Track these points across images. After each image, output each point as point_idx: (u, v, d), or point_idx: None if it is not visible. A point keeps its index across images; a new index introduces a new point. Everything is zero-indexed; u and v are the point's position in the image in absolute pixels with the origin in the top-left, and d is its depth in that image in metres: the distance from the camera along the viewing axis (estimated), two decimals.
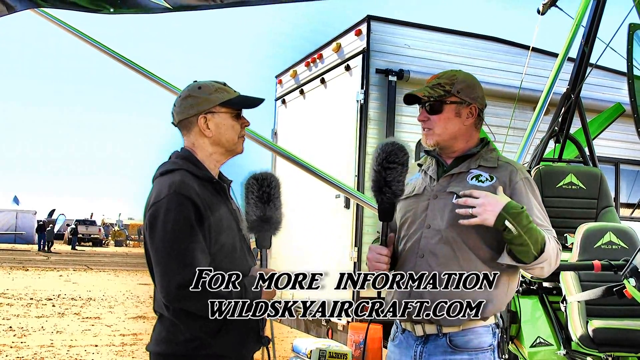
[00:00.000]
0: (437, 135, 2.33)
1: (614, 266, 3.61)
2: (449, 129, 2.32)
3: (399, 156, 2.16)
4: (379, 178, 2.17)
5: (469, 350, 2.21)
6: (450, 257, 2.21)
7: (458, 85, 2.32)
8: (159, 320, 2.16)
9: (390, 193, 2.17)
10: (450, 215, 2.22)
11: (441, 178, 2.33)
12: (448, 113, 2.31)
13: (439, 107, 2.31)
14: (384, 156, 2.16)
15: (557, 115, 5.12)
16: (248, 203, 2.18)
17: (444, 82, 2.33)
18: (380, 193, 2.18)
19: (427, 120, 2.34)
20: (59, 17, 4.29)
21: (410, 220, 2.32)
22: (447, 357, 2.20)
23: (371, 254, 2.26)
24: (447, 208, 2.24)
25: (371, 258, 2.25)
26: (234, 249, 2.16)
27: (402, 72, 6.04)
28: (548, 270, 2.20)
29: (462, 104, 2.32)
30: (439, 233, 2.23)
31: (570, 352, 3.94)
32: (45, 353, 7.56)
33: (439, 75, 2.38)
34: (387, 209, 2.21)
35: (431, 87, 2.34)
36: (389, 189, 2.16)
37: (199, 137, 2.21)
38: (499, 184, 2.24)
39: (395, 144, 2.18)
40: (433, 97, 2.31)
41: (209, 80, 2.25)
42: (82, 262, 25.65)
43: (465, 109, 2.33)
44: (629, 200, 7.37)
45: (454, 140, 2.34)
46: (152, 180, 2.20)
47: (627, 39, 4.19)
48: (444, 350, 2.21)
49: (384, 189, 2.17)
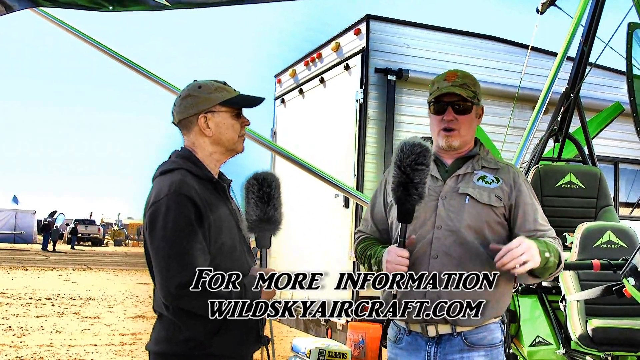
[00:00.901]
0: (462, 137, 2.34)
1: (613, 265, 3.61)
2: (471, 130, 2.37)
3: (426, 158, 2.13)
4: (405, 179, 2.13)
5: (485, 347, 2.24)
6: (465, 257, 2.22)
7: (477, 86, 2.36)
8: (158, 320, 2.16)
9: (417, 195, 2.13)
10: (467, 216, 2.24)
11: (448, 179, 2.34)
12: (473, 114, 2.36)
13: (469, 108, 2.33)
14: (414, 158, 2.11)
15: (556, 115, 5.11)
16: (248, 203, 2.18)
17: (469, 83, 2.34)
18: (406, 194, 2.14)
19: (454, 120, 2.32)
20: (59, 17, 4.29)
21: (418, 221, 2.29)
22: (464, 355, 2.22)
23: (391, 255, 2.21)
24: (463, 209, 2.25)
25: (391, 260, 2.21)
26: (233, 249, 2.16)
27: (402, 72, 6.04)
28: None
29: (479, 105, 2.38)
30: (454, 234, 2.23)
31: (570, 352, 3.94)
32: (45, 352, 7.56)
33: (459, 75, 2.36)
34: (409, 210, 2.17)
35: (460, 86, 2.31)
36: (415, 190, 2.13)
37: (199, 136, 2.21)
38: (504, 185, 2.29)
39: (423, 146, 2.14)
40: (470, 98, 2.31)
41: (209, 80, 2.24)
42: (82, 261, 25.65)
43: (479, 110, 2.39)
44: (628, 199, 7.37)
45: (470, 141, 2.39)
46: (152, 179, 2.20)
47: (627, 38, 4.19)
48: (460, 349, 2.23)
49: (411, 190, 2.13)
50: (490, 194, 2.26)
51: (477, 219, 2.23)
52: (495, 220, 2.25)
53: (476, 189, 2.27)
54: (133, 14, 3.13)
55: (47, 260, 25.66)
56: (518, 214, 2.28)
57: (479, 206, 2.24)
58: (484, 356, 2.23)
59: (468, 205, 2.25)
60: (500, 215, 2.27)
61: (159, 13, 3.08)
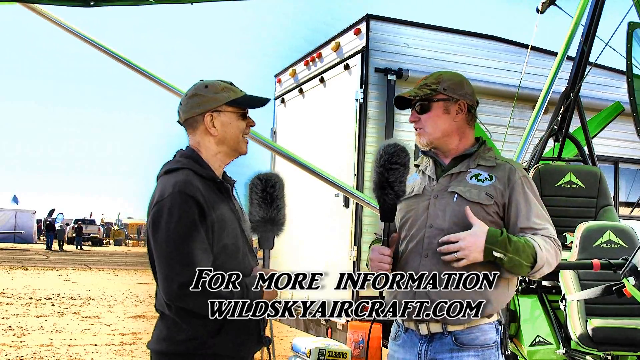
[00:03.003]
0: (428, 134, 2.37)
1: (613, 265, 3.61)
2: (439, 127, 2.36)
3: (401, 157, 2.18)
4: (381, 179, 2.19)
5: (475, 348, 2.23)
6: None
7: (444, 83, 2.37)
8: (160, 319, 2.16)
9: (393, 194, 2.19)
10: (453, 214, 2.25)
11: (441, 178, 2.35)
12: (436, 111, 2.36)
13: (427, 106, 2.37)
14: (387, 157, 2.18)
15: (556, 114, 5.12)
16: (251, 203, 2.18)
17: (430, 82, 2.39)
18: (383, 194, 2.20)
19: (418, 120, 2.40)
20: (58, 17, 4.29)
21: (411, 221, 2.33)
22: (454, 354, 2.22)
23: (374, 254, 2.27)
24: (450, 207, 2.26)
25: (374, 258, 2.26)
26: (236, 249, 2.16)
27: (401, 71, 6.04)
28: (549, 270, 2.25)
29: (450, 100, 2.36)
30: (442, 233, 2.24)
31: (570, 351, 3.95)
32: (45, 352, 7.56)
33: (425, 77, 2.44)
34: (389, 209, 2.23)
35: (418, 88, 2.40)
36: (391, 189, 2.18)
37: (204, 135, 2.21)
38: (498, 183, 2.28)
39: (397, 145, 2.20)
40: (419, 96, 2.36)
41: (216, 80, 2.25)
42: (82, 261, 25.65)
43: (453, 105, 2.37)
44: (628, 199, 7.38)
45: (447, 138, 2.38)
46: (156, 178, 2.20)
47: (626, 37, 4.19)
48: (451, 349, 2.23)
49: (386, 189, 2.19)
50: (481, 192, 2.26)
51: (465, 217, 2.21)
52: (486, 218, 2.23)
53: (466, 187, 2.27)
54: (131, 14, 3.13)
55: (47, 260, 25.66)
56: (511, 212, 2.27)
57: (467, 204, 2.24)
58: (474, 356, 2.22)
59: (455, 203, 2.26)
60: (493, 213, 2.26)
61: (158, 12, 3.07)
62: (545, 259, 2.19)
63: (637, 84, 4.10)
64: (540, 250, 2.18)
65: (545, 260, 2.19)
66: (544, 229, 2.26)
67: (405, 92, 2.41)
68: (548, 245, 2.22)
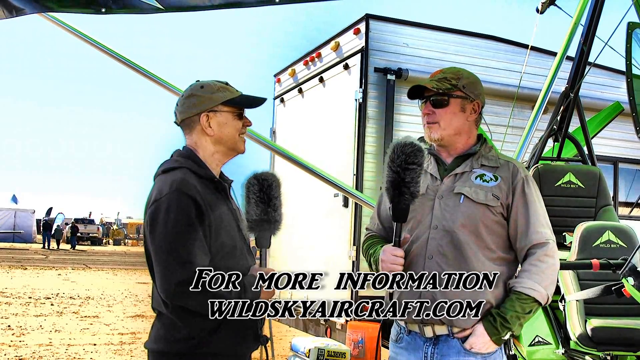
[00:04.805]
0: (442, 130, 2.33)
1: (612, 265, 3.60)
2: (453, 124, 2.33)
3: (418, 157, 2.16)
4: (397, 179, 2.16)
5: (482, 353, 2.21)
6: (460, 258, 2.21)
7: (464, 80, 2.33)
8: (157, 318, 2.16)
9: (409, 194, 2.17)
10: (461, 216, 2.23)
11: (445, 177, 2.33)
12: (453, 107, 2.32)
13: (445, 101, 2.32)
14: (404, 157, 2.15)
15: (555, 114, 5.11)
16: (249, 203, 2.19)
17: (450, 77, 2.34)
18: (399, 194, 2.17)
19: (432, 113, 2.33)
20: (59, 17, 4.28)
21: (415, 221, 2.30)
22: (461, 357, 2.21)
23: (386, 255, 2.24)
24: (457, 209, 2.24)
25: (386, 259, 2.23)
26: (233, 248, 2.16)
27: (401, 71, 6.04)
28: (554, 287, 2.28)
29: (467, 99, 2.33)
30: (449, 234, 2.23)
31: (569, 351, 3.94)
32: (44, 352, 7.55)
33: (444, 70, 2.38)
34: (403, 209, 2.20)
35: (437, 81, 2.33)
36: (407, 190, 2.16)
37: (201, 135, 2.22)
38: (503, 183, 2.27)
39: (415, 145, 2.17)
40: (441, 89, 2.31)
41: (212, 80, 2.25)
42: (81, 260, 25.64)
43: (469, 104, 2.34)
44: (627, 199, 7.38)
45: (458, 136, 2.35)
46: (154, 177, 2.20)
47: (626, 37, 4.18)
48: (458, 351, 2.21)
49: (403, 189, 2.16)
50: (487, 193, 2.24)
51: (472, 218, 2.21)
52: (492, 219, 2.23)
53: (472, 188, 2.25)
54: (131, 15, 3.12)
55: (47, 259, 25.65)
56: (510, 222, 2.26)
57: (474, 205, 2.23)
58: (481, 358, 2.20)
59: (463, 204, 2.24)
60: (498, 214, 2.24)
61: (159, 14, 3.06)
62: (545, 289, 2.20)
63: (636, 84, 4.10)
64: (538, 288, 2.19)
65: (546, 290, 2.20)
66: (542, 241, 2.24)
67: (424, 81, 2.35)
68: (544, 265, 2.21)
